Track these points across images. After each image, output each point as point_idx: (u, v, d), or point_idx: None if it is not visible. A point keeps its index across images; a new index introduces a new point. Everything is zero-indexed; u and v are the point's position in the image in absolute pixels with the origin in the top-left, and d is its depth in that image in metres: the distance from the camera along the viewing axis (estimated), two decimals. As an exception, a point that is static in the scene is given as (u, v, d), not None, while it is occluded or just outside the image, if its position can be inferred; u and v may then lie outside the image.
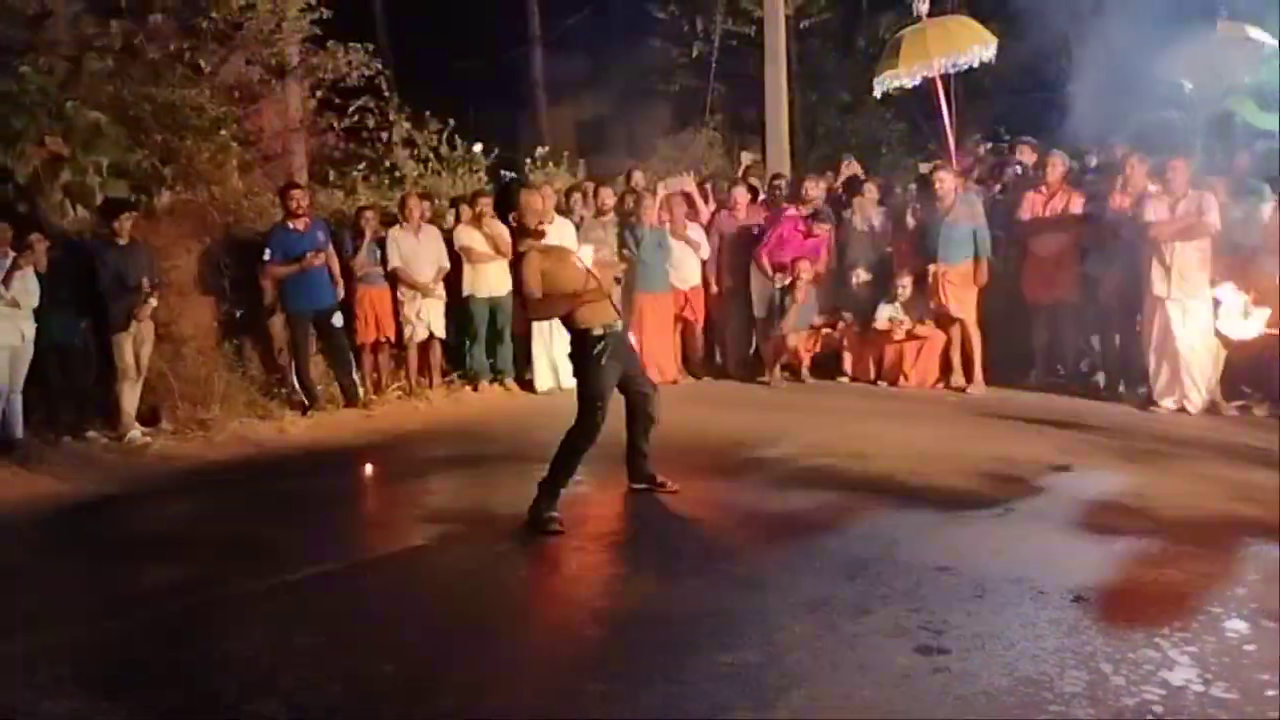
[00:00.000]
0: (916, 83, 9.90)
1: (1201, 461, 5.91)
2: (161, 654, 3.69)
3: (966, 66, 9.72)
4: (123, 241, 7.47)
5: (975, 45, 9.52)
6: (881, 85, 10.11)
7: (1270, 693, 3.05)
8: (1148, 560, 4.27)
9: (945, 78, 9.63)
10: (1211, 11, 12.13)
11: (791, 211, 9.42)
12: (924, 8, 9.68)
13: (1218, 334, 7.07)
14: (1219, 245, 7.18)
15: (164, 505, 6.06)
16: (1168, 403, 7.35)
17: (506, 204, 5.17)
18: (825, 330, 9.31)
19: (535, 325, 8.98)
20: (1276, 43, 11.59)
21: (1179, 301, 7.17)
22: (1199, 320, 7.17)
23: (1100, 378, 8.33)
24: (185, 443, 7.39)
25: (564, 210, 9.34)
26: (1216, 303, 6.90)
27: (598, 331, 5.00)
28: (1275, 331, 4.75)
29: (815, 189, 9.63)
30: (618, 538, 4.84)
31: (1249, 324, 6.09)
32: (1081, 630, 3.56)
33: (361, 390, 8.58)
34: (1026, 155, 9.31)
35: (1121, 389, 7.97)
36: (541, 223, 5.17)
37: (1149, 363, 7.49)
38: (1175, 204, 7.21)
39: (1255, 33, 11.37)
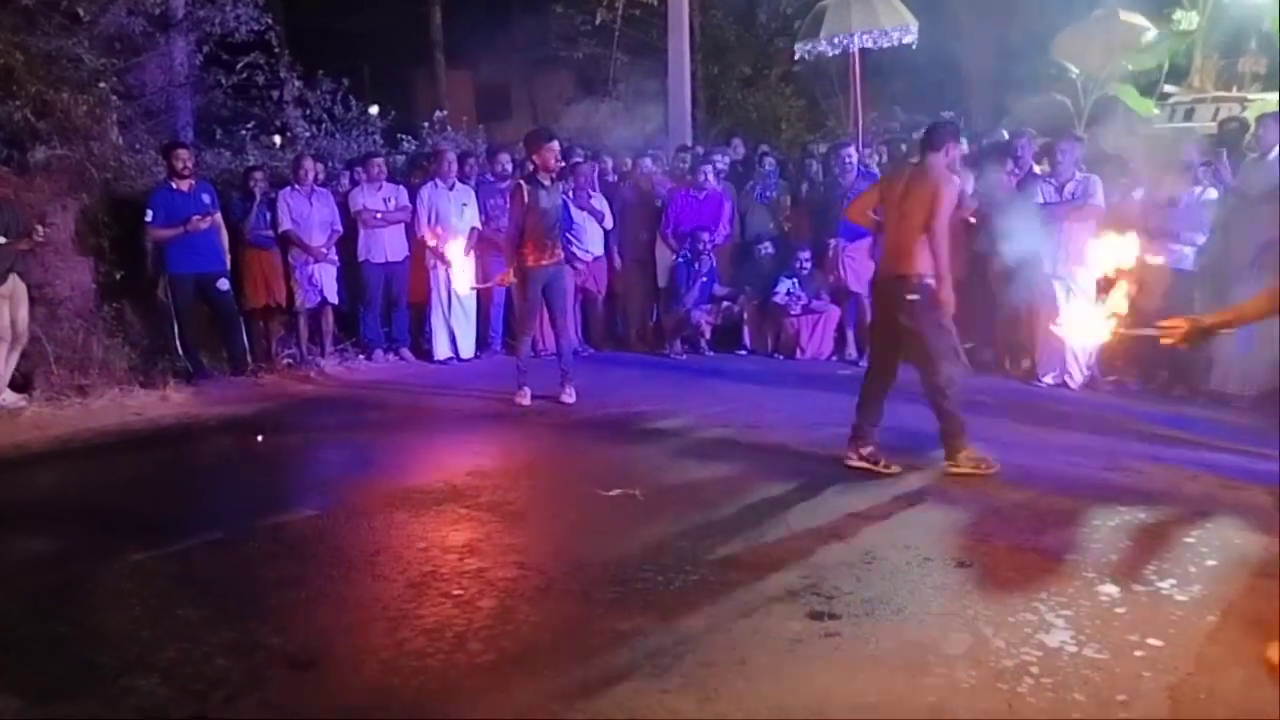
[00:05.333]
0: (837, 52, 10.07)
1: (1079, 434, 6.15)
2: (36, 627, 3.53)
3: (886, 45, 9.90)
4: None
5: (896, 26, 9.68)
6: (802, 52, 10.30)
7: (1139, 653, 3.19)
8: (1028, 528, 4.43)
9: (859, 53, 9.80)
10: (1097, 2, 12.58)
11: (687, 189, 9.42)
12: None
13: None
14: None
15: (38, 474, 5.79)
16: (1049, 378, 7.62)
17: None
18: (726, 304, 9.40)
19: (434, 294, 8.85)
20: (1154, 31, 12.08)
21: (1064, 280, 7.42)
22: (1083, 298, 7.44)
23: (987, 353, 8.59)
24: (61, 410, 7.07)
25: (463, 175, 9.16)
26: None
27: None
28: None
29: (721, 161, 9.69)
30: (513, 508, 4.80)
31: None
32: (965, 595, 3.67)
33: (249, 357, 8.32)
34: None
35: (1007, 364, 8.24)
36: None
37: (1034, 339, 7.75)
38: (1063, 185, 7.45)
39: (1129, 17, 11.78)
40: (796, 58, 10.64)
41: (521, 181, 7.15)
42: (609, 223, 9.34)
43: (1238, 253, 6.92)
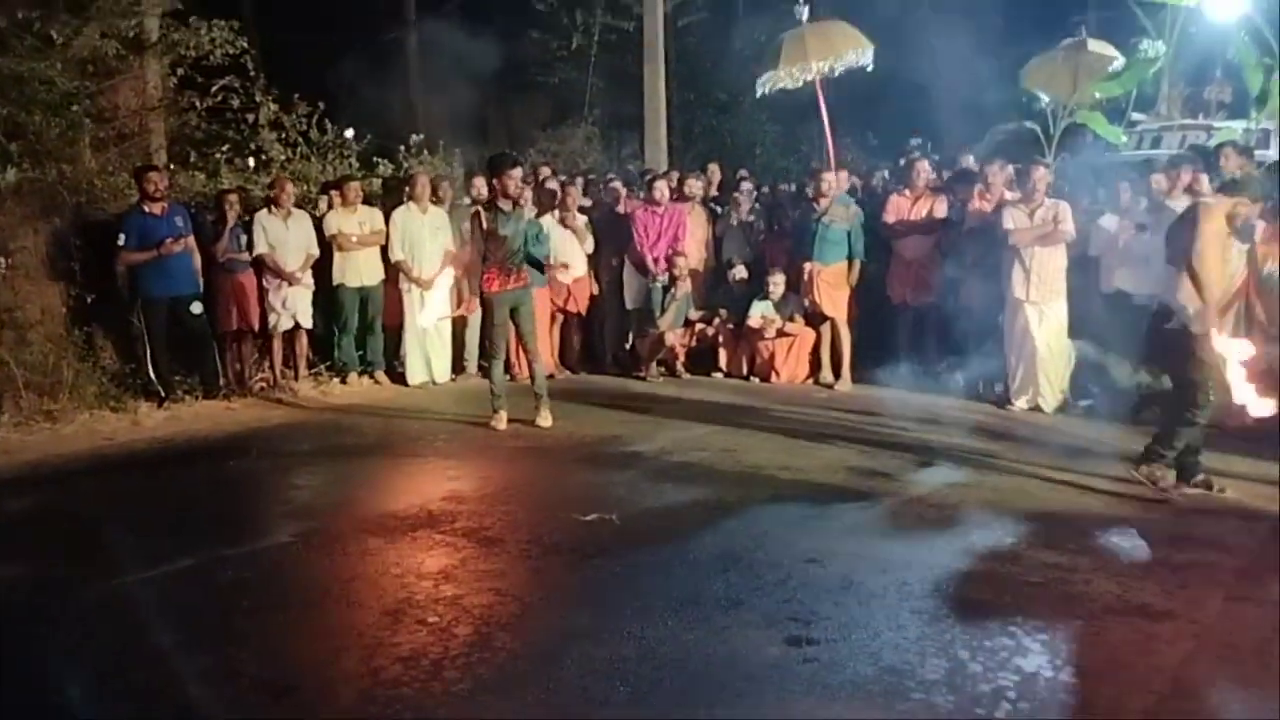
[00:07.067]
0: (798, 85, 10.10)
1: (1053, 458, 6.19)
2: (3, 654, 3.47)
3: (844, 70, 9.95)
4: None
5: (852, 51, 9.75)
6: (762, 86, 10.30)
7: (1116, 676, 3.21)
8: (1004, 551, 4.46)
9: (824, 82, 9.84)
10: (1066, 30, 12.75)
11: (647, 206, 9.40)
12: (804, 12, 9.88)
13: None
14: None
15: (6, 500, 5.68)
16: (1022, 402, 7.69)
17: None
18: (701, 327, 9.42)
19: (407, 317, 8.82)
20: (1121, 59, 12.24)
21: (1037, 305, 7.50)
22: (1055, 322, 7.53)
23: (960, 377, 8.64)
24: (30, 435, 6.98)
25: (436, 199, 9.16)
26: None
27: None
28: None
29: (696, 185, 9.74)
30: (489, 533, 4.78)
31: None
32: (941, 620, 3.69)
33: (222, 381, 8.26)
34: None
35: (980, 388, 8.28)
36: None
37: (1008, 363, 7.82)
38: (1033, 211, 7.53)
39: (1097, 46, 11.95)
40: (758, 94, 10.63)
41: (480, 208, 7.20)
42: (589, 245, 9.36)
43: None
